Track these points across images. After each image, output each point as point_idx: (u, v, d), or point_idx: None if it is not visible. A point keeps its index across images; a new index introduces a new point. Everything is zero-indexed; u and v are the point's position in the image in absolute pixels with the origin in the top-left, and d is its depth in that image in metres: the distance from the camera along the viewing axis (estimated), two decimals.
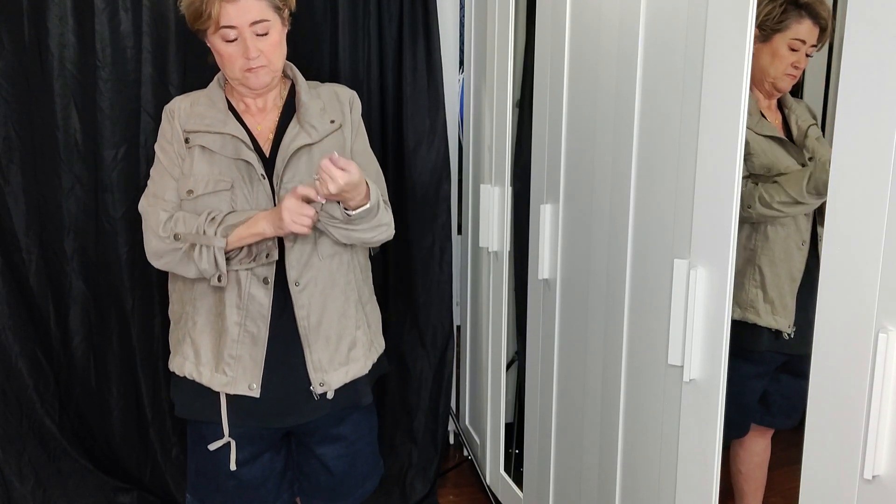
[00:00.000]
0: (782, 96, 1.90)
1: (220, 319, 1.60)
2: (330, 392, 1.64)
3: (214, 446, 1.62)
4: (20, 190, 2.26)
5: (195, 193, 1.57)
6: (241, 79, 1.57)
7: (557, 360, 2.00)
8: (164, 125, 1.64)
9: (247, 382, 1.59)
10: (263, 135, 1.64)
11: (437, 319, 2.62)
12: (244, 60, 1.53)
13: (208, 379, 1.61)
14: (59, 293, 2.34)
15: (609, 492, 1.74)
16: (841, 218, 1.03)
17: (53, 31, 2.19)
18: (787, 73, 1.82)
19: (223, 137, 1.59)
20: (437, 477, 2.66)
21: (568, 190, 1.88)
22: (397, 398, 2.66)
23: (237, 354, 1.59)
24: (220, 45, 1.54)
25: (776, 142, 1.82)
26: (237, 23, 1.49)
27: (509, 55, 2.30)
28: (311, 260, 1.60)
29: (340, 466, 1.73)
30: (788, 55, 1.80)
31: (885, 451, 1.00)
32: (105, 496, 2.40)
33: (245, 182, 1.58)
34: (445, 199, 2.58)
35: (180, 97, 1.68)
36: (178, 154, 1.61)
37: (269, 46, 1.54)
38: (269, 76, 1.58)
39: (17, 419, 2.31)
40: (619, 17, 1.59)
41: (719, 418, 1.35)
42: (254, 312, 1.58)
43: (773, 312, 1.84)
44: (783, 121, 1.91)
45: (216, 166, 1.58)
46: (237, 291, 1.58)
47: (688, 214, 1.37)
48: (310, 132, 1.62)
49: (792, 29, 1.78)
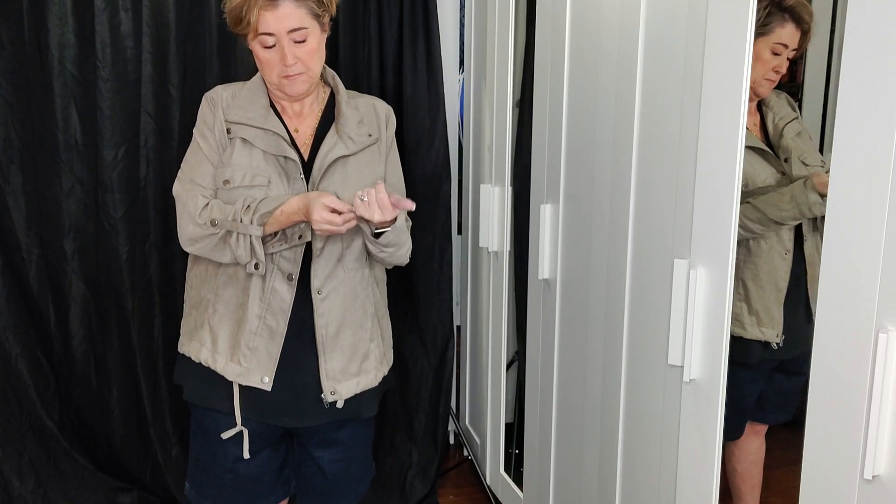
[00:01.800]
0: (766, 97, 1.87)
1: (242, 310, 1.60)
2: (340, 401, 1.65)
3: (227, 435, 1.63)
4: (20, 190, 2.26)
5: (232, 184, 1.57)
6: (278, 85, 1.58)
7: (557, 360, 2.00)
8: (206, 111, 1.64)
9: (260, 375, 1.60)
10: (300, 139, 1.64)
11: (437, 319, 2.62)
12: (282, 67, 1.54)
13: (222, 367, 1.61)
14: (59, 293, 2.34)
15: (609, 492, 1.74)
16: (841, 218, 1.03)
17: (53, 31, 2.19)
18: (766, 78, 1.78)
19: (265, 133, 1.59)
20: (437, 477, 2.66)
21: (568, 190, 1.88)
22: (397, 398, 2.66)
23: (254, 346, 1.60)
24: (259, 51, 1.54)
25: (755, 152, 1.79)
26: (275, 30, 1.50)
27: (509, 55, 2.30)
28: (336, 271, 1.62)
29: (335, 470, 1.74)
30: (770, 59, 1.76)
31: (885, 451, 1.00)
32: (105, 496, 2.40)
33: (282, 180, 1.58)
34: (445, 199, 2.58)
35: (221, 87, 1.68)
36: (219, 142, 1.61)
37: (306, 54, 1.54)
38: (307, 84, 1.59)
39: (17, 419, 2.31)
40: (619, 17, 1.59)
41: (719, 418, 1.35)
42: (275, 307, 1.59)
43: (758, 324, 1.82)
44: (761, 121, 1.88)
45: (255, 160, 1.59)
46: (261, 284, 1.59)
47: (688, 214, 1.37)
48: (347, 144, 1.63)
49: (775, 33, 1.75)
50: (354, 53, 2.43)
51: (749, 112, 1.84)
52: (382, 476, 2.60)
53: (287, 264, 1.59)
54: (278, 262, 1.59)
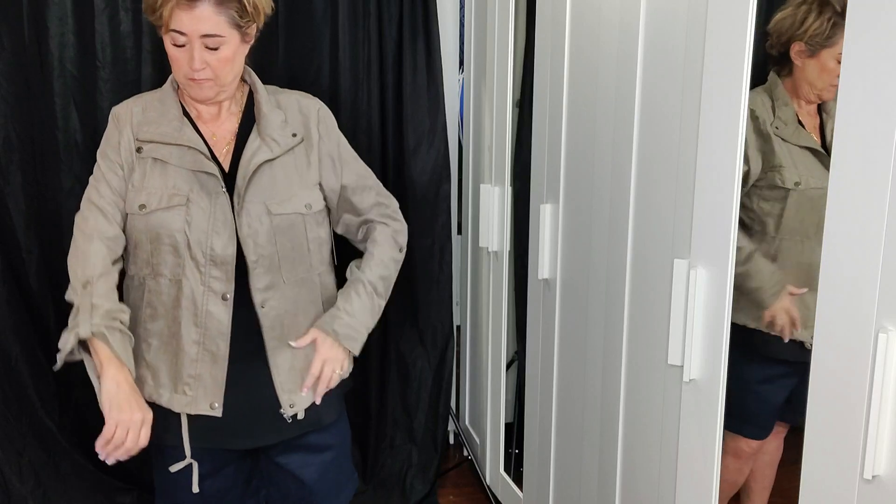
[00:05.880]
0: (827, 102, 1.85)
1: (176, 339, 1.52)
2: (300, 413, 1.58)
3: (176, 468, 1.56)
4: (20, 190, 2.26)
5: (148, 209, 1.49)
6: (185, 85, 1.50)
7: (557, 360, 2.00)
8: (111, 131, 1.55)
9: (208, 401, 1.53)
10: (220, 145, 1.56)
11: (437, 319, 2.62)
12: (188, 69, 1.45)
13: (167, 400, 1.53)
14: (59, 293, 2.33)
15: (609, 492, 1.74)
16: (841, 218, 1.03)
17: (53, 31, 2.18)
18: (832, 84, 1.77)
19: (180, 149, 1.51)
20: (437, 477, 2.65)
21: (568, 190, 1.88)
22: (397, 398, 2.66)
23: (197, 374, 1.52)
24: (169, 47, 1.46)
25: (811, 153, 1.78)
26: (188, 30, 1.42)
27: (509, 55, 2.30)
28: (275, 282, 1.54)
29: (309, 475, 1.66)
30: (835, 68, 1.74)
31: (885, 451, 1.00)
32: (105, 496, 2.40)
33: (203, 196, 1.50)
34: (445, 199, 2.57)
35: (130, 101, 1.59)
36: (124, 162, 1.52)
37: (217, 61, 1.45)
38: (214, 91, 1.50)
39: (17, 419, 2.31)
40: (619, 17, 1.59)
41: (719, 418, 1.35)
42: (213, 330, 1.51)
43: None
44: (820, 125, 1.87)
45: (170, 179, 1.50)
46: (193, 309, 1.50)
47: (688, 214, 1.37)
48: (271, 146, 1.54)
49: (840, 44, 1.72)
50: (354, 53, 2.43)
51: (809, 115, 1.84)
52: (382, 476, 2.60)
53: (219, 284, 1.50)
54: (209, 282, 1.50)
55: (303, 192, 1.58)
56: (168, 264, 1.51)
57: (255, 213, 1.52)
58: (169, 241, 1.50)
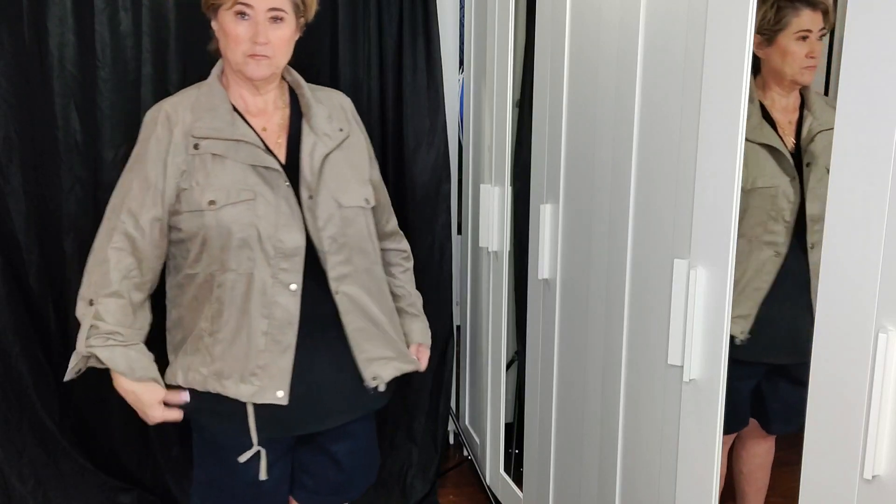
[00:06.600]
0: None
1: (244, 330, 1.52)
2: (382, 385, 1.63)
3: (244, 458, 1.56)
4: (20, 190, 2.26)
5: (218, 204, 1.48)
6: (241, 63, 1.50)
7: (557, 360, 2.00)
8: (162, 133, 1.53)
9: (274, 390, 1.53)
10: (271, 138, 1.57)
11: (437, 319, 2.61)
12: (250, 44, 1.47)
13: (234, 391, 1.53)
14: (59, 293, 2.33)
15: (609, 492, 1.74)
16: (841, 218, 1.03)
17: (53, 31, 2.18)
18: (804, 67, 1.76)
19: (236, 143, 1.51)
20: (437, 477, 2.66)
21: (568, 190, 1.88)
22: (397, 398, 2.65)
23: (263, 363, 1.52)
24: (230, 24, 1.47)
25: (769, 151, 1.76)
26: (256, 3, 1.46)
27: (509, 55, 2.30)
28: (348, 272, 1.58)
29: (351, 461, 1.71)
30: (799, 48, 1.75)
31: (885, 451, 1.00)
32: (105, 496, 2.40)
33: (266, 189, 1.51)
34: (445, 199, 2.58)
35: (174, 99, 1.59)
36: (179, 165, 1.51)
37: (278, 39, 1.50)
38: (269, 70, 1.52)
39: (17, 419, 2.31)
40: (619, 17, 1.59)
41: (719, 418, 1.35)
42: (281, 320, 1.52)
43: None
44: (798, 121, 1.85)
45: (233, 174, 1.50)
46: (263, 301, 1.51)
47: (688, 214, 1.37)
48: (324, 140, 1.58)
49: (793, 24, 1.73)
50: (354, 53, 2.43)
51: (786, 110, 1.82)
52: (382, 476, 2.60)
53: (287, 276, 1.52)
54: (278, 274, 1.51)
55: (360, 187, 1.63)
56: (238, 259, 1.51)
57: (327, 206, 1.55)
58: (240, 236, 1.50)
